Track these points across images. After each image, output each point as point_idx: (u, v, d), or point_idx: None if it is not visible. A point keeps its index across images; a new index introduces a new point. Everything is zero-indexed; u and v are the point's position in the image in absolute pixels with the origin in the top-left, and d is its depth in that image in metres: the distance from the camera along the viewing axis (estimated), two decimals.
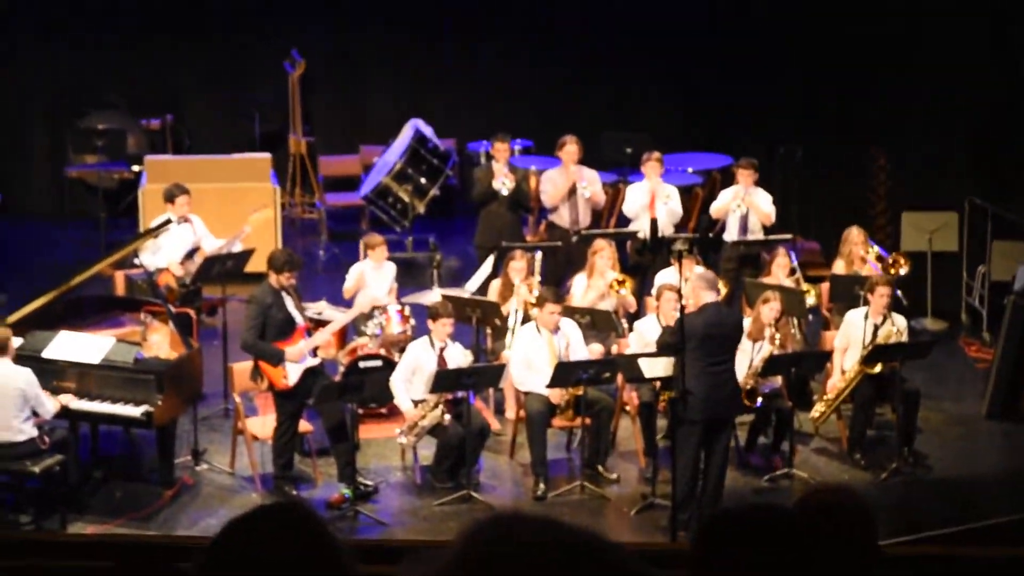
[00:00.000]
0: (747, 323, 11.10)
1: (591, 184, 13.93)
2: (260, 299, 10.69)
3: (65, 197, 17.71)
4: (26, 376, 9.91)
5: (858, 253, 12.74)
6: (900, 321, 11.62)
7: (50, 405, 10.07)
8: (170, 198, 12.72)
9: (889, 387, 11.46)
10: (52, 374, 10.31)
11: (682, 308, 10.08)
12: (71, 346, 10.56)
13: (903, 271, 12.64)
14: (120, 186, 16.97)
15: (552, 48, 17.65)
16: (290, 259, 10.80)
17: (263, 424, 11.01)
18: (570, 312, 11.65)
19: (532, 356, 11.14)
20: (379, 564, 5.31)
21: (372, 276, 12.51)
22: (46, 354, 10.47)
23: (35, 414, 10.03)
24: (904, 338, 11.60)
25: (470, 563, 2.28)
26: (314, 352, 10.84)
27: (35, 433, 9.99)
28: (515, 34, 17.75)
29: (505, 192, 13.87)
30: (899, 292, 12.46)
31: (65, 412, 10.30)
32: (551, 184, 13.98)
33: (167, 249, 12.69)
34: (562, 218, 14.00)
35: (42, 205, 17.71)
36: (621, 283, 12.32)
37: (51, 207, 17.73)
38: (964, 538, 9.69)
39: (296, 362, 10.63)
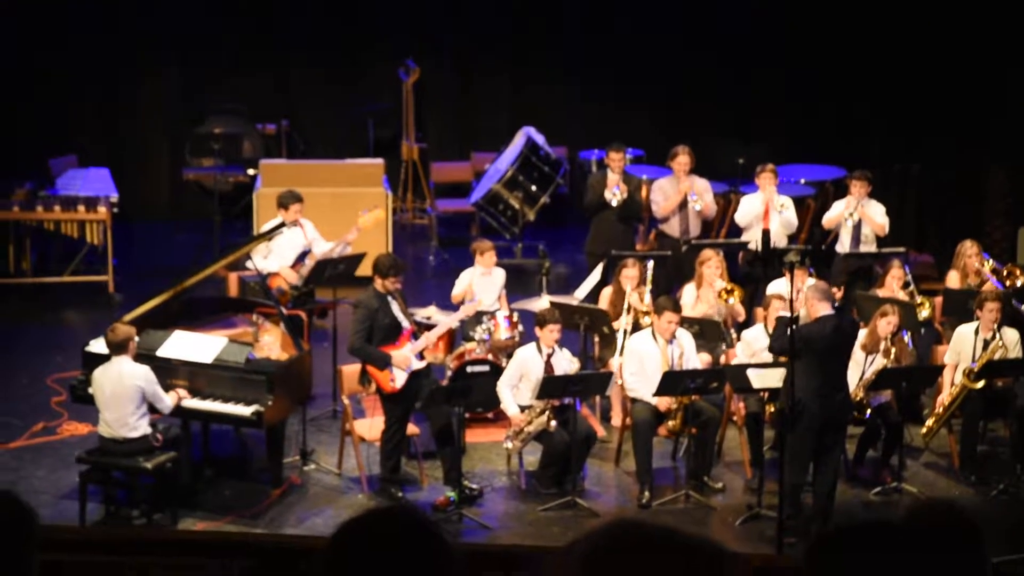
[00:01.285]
0: (861, 335, 11.01)
1: (702, 195, 13.87)
2: (367, 303, 10.79)
3: (182, 199, 18.00)
4: (144, 373, 10.08)
5: (973, 265, 12.58)
6: (1011, 336, 11.44)
7: (168, 400, 10.24)
8: (283, 204, 12.88)
9: (1003, 403, 11.30)
10: (166, 372, 10.47)
11: (795, 318, 10.00)
12: (185, 345, 10.73)
13: (1020, 282, 12.47)
14: (235, 189, 17.22)
15: (666, 58, 17.63)
16: (395, 264, 10.89)
17: (370, 426, 11.10)
18: (680, 322, 11.62)
19: (645, 362, 11.12)
20: (485, 569, 5.33)
21: (480, 282, 12.57)
22: (160, 353, 10.64)
23: (152, 410, 10.19)
24: (1015, 353, 11.42)
25: (592, 564, 2.30)
26: (420, 355, 10.91)
27: (149, 430, 10.16)
28: (629, 43, 17.75)
29: (616, 202, 13.87)
30: (1023, 306, 12.28)
31: (178, 410, 10.46)
32: (662, 194, 13.96)
33: (278, 253, 12.84)
34: (672, 228, 13.97)
35: (159, 207, 18.03)
36: (730, 292, 12.27)
37: (168, 209, 18.04)
38: None
39: (402, 367, 10.71)
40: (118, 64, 17.76)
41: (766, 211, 13.56)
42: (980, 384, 11.18)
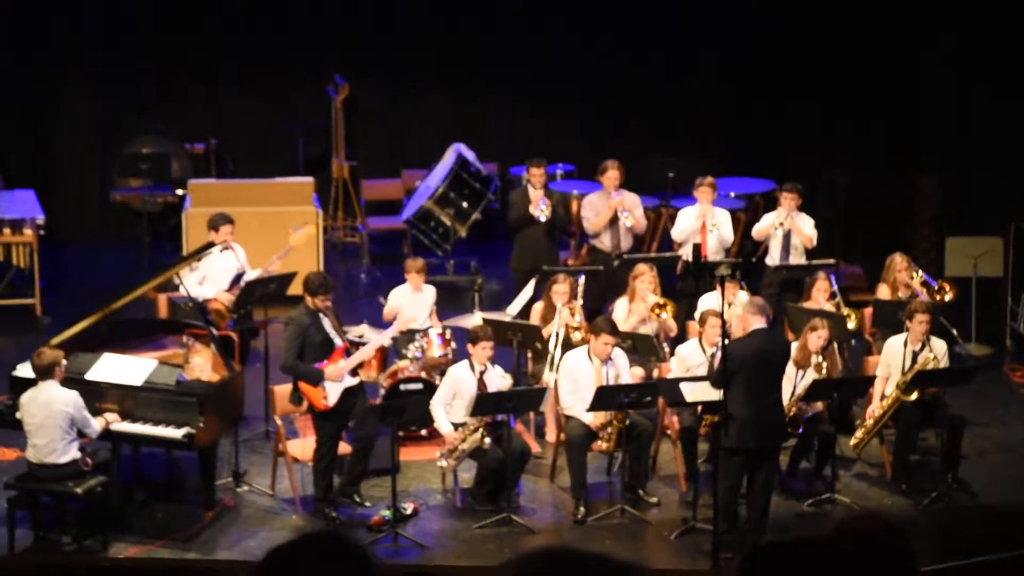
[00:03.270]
0: (792, 348, 11.07)
1: (632, 210, 13.90)
2: (298, 320, 10.75)
3: (110, 220, 17.83)
4: (73, 399, 9.97)
5: (902, 279, 12.69)
6: (939, 347, 11.54)
7: (96, 425, 10.14)
8: (214, 227, 12.77)
9: (933, 413, 11.39)
10: (95, 396, 10.36)
11: (726, 334, 10.05)
12: (114, 368, 10.62)
13: (948, 297, 12.58)
14: (164, 209, 17.07)
15: (594, 73, 17.68)
16: (325, 282, 10.85)
17: (304, 446, 11.04)
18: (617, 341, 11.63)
19: (579, 381, 11.12)
20: None
21: (411, 300, 12.54)
22: (89, 376, 10.53)
23: (80, 435, 10.08)
24: (944, 364, 11.53)
25: None
26: (354, 372, 10.86)
27: (79, 455, 10.05)
28: (558, 59, 17.79)
29: (544, 218, 13.89)
30: (943, 319, 12.41)
31: (107, 434, 10.35)
32: (592, 210, 13.99)
33: (213, 278, 12.73)
34: (603, 243, 14.00)
35: (86, 228, 17.83)
36: (662, 307, 12.30)
37: (95, 230, 17.85)
38: (1009, 565, 9.60)
39: (335, 382, 10.66)
40: (42, 83, 17.59)
41: (703, 225, 13.61)
42: (913, 396, 11.26)
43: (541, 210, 13.89)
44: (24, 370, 10.54)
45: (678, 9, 17.67)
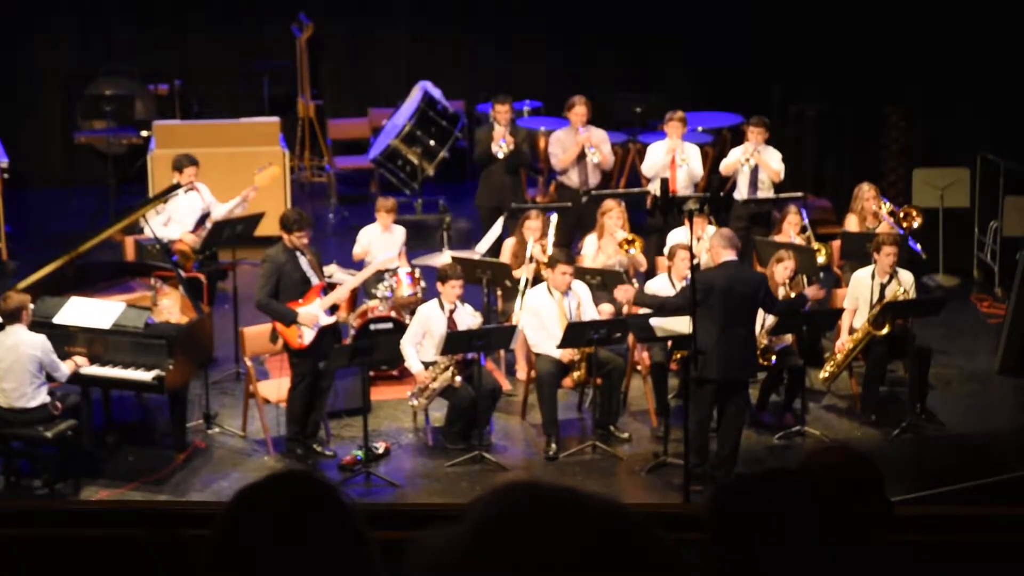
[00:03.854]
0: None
1: (599, 147, 13.86)
2: (274, 258, 10.71)
3: (74, 163, 17.70)
4: (41, 343, 9.93)
5: (870, 208, 12.70)
6: (907, 278, 11.58)
7: (65, 368, 10.10)
8: (178, 167, 12.68)
9: (901, 344, 11.44)
10: (63, 339, 10.32)
11: (695, 266, 10.07)
12: (82, 312, 10.57)
13: (916, 224, 12.60)
14: (129, 152, 16.96)
15: (562, 8, 17.57)
16: (300, 218, 10.81)
17: (275, 387, 11.03)
18: (581, 273, 11.64)
19: (543, 317, 11.13)
20: (392, 528, 5.31)
21: (380, 239, 12.51)
22: (57, 320, 10.48)
23: (50, 379, 10.05)
24: (912, 295, 11.57)
25: (486, 536, 2.26)
26: (331, 311, 10.85)
27: (48, 399, 10.02)
28: None
29: (502, 155, 13.84)
30: (918, 246, 12.45)
31: (77, 377, 10.32)
32: (560, 146, 13.94)
33: (178, 219, 12.66)
34: (571, 179, 13.96)
35: (51, 172, 17.70)
36: (630, 243, 12.29)
37: (60, 174, 17.71)
38: (978, 494, 9.70)
39: (310, 325, 10.63)
40: (3, 26, 17.40)
41: (672, 160, 13.59)
42: (885, 331, 11.30)
43: (500, 147, 13.83)
44: None
45: None
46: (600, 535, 2.26)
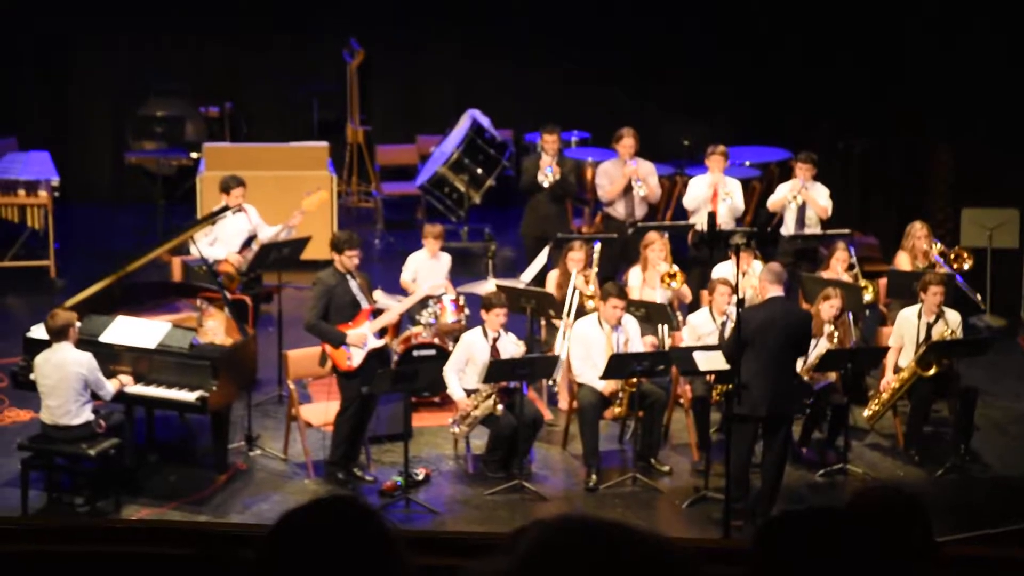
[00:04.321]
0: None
1: (646, 179, 13.85)
2: (325, 281, 10.75)
3: (124, 182, 17.84)
4: (87, 361, 9.98)
5: (921, 247, 12.65)
6: (953, 318, 11.51)
7: (110, 387, 10.15)
8: (226, 189, 12.76)
9: (947, 384, 11.36)
10: (109, 358, 10.37)
11: (740, 301, 10.04)
12: (128, 331, 10.63)
13: (966, 266, 12.55)
14: (178, 173, 17.08)
15: (611, 40, 17.61)
16: (350, 238, 10.83)
17: (316, 411, 11.04)
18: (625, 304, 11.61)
19: (590, 348, 11.11)
20: (432, 555, 5.30)
21: (427, 266, 12.53)
22: (103, 338, 10.53)
23: (95, 397, 10.10)
24: (959, 335, 11.50)
25: (533, 568, 2.26)
26: (380, 334, 10.86)
27: (92, 417, 10.07)
28: (575, 25, 17.72)
29: (547, 184, 13.85)
30: (966, 286, 12.37)
31: (121, 396, 10.37)
32: (607, 178, 13.95)
33: (224, 240, 12.73)
34: (617, 211, 13.96)
35: (102, 190, 17.85)
36: (672, 276, 12.28)
37: (110, 192, 17.87)
38: (1021, 536, 9.60)
39: (358, 345, 10.65)
40: (57, 45, 17.57)
41: (714, 194, 13.57)
42: (932, 372, 11.23)
43: (546, 175, 13.85)
44: (38, 332, 10.55)
45: None
46: (646, 570, 2.25)
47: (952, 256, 12.56)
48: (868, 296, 12.30)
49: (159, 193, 15.69)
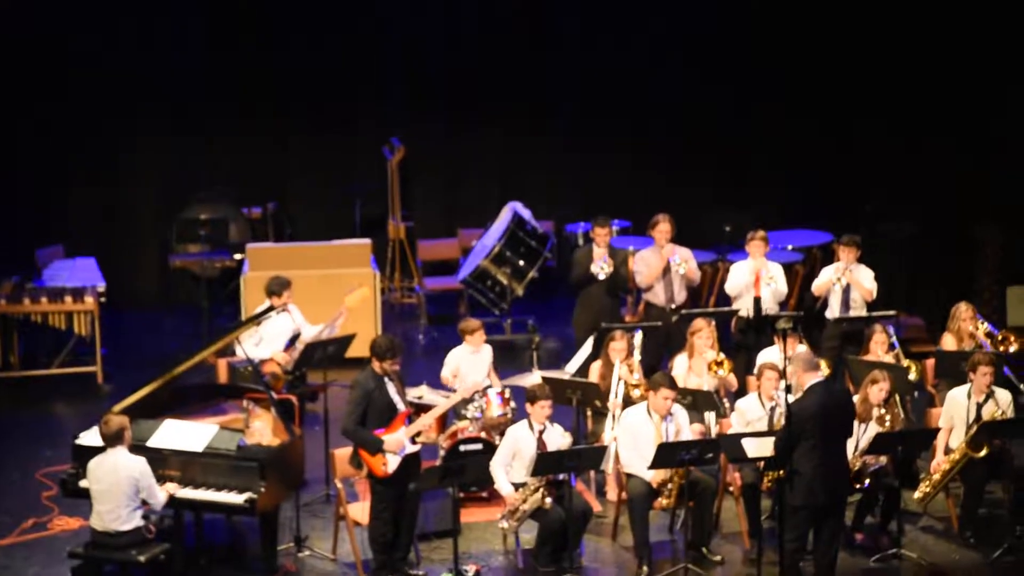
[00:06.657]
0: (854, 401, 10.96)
1: (685, 260, 13.88)
2: (363, 384, 10.70)
3: (169, 286, 17.98)
4: (140, 466, 9.99)
5: (967, 329, 12.59)
6: (1004, 398, 11.42)
7: (161, 496, 10.15)
8: (275, 292, 12.84)
9: (1000, 464, 11.24)
10: (157, 463, 10.38)
11: (788, 387, 9.98)
12: (175, 434, 10.66)
13: (1012, 348, 12.46)
14: (222, 274, 17.21)
15: (650, 128, 17.71)
16: (393, 346, 10.79)
17: (364, 510, 11.01)
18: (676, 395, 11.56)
19: (638, 438, 11.06)
20: None
21: (469, 360, 12.53)
22: (151, 443, 10.56)
23: (144, 503, 10.11)
24: (1010, 415, 11.39)
25: None
26: (414, 439, 10.81)
27: (142, 523, 10.07)
28: (613, 115, 17.84)
29: (603, 276, 13.91)
30: (1008, 371, 12.27)
31: (170, 500, 10.38)
32: (644, 264, 13.98)
33: (269, 339, 12.79)
34: (657, 296, 13.96)
35: (147, 295, 18.00)
36: (720, 364, 12.24)
37: (156, 296, 18.01)
38: None
39: (395, 451, 10.61)
40: (103, 152, 17.80)
41: (757, 279, 13.55)
42: (983, 452, 11.12)
43: (600, 267, 13.92)
44: (87, 438, 10.60)
45: (736, 66, 17.68)
46: None
47: (999, 338, 12.48)
48: (913, 375, 12.22)
49: (203, 295, 15.79)
